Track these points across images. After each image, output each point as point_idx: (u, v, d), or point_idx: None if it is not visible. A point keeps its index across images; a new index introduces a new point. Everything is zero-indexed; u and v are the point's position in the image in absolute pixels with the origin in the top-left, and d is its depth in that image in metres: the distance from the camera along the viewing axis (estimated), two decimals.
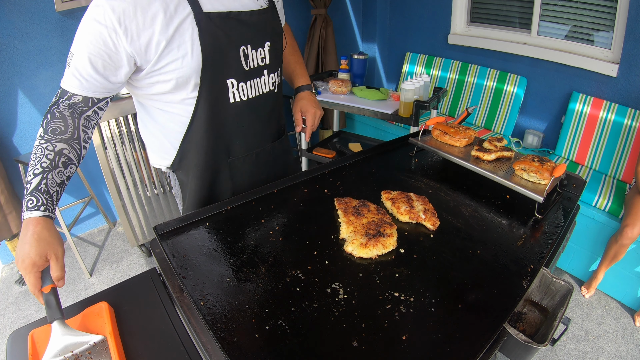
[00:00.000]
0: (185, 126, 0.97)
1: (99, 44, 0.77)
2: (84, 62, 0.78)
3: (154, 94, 0.91)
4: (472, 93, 2.82)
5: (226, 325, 0.67)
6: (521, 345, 0.69)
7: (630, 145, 2.08)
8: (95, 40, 0.77)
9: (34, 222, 0.70)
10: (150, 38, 0.80)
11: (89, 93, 0.82)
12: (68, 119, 0.81)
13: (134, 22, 0.77)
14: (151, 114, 0.99)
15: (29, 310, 2.03)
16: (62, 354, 0.67)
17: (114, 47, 0.78)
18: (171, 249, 0.87)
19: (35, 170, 0.74)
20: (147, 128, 1.05)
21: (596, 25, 2.21)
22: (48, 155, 0.76)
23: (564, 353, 1.71)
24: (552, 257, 0.89)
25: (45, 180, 0.74)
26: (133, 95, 1.00)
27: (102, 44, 0.77)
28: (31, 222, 0.70)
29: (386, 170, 1.25)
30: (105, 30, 0.76)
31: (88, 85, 0.81)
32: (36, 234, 0.69)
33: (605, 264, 1.87)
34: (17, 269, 0.73)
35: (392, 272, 0.80)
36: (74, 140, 0.82)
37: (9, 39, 1.96)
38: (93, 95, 0.83)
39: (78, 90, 0.81)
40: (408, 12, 3.12)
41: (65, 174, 0.79)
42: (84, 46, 0.77)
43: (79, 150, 0.84)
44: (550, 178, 1.01)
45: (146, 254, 2.38)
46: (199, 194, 1.08)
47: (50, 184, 0.75)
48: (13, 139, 2.16)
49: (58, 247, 0.71)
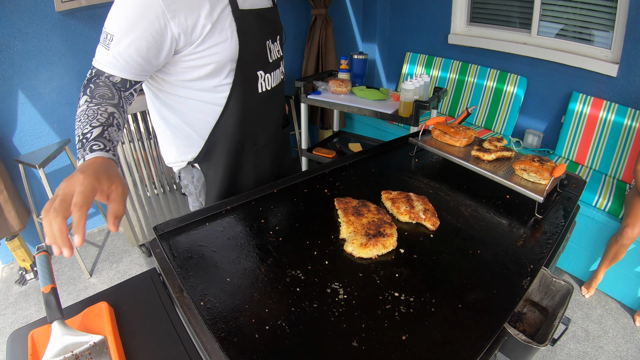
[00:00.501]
0: (217, 115, 0.98)
1: (145, 26, 0.77)
2: (126, 44, 0.78)
3: (188, 79, 0.91)
4: (472, 93, 2.82)
5: (226, 325, 0.67)
6: (521, 345, 0.69)
7: (630, 145, 2.08)
8: (142, 22, 0.77)
9: (102, 159, 0.67)
10: (197, 20, 0.82)
11: (128, 75, 0.82)
12: (113, 89, 0.81)
13: (182, 4, 0.79)
14: (176, 106, 0.98)
15: (29, 310, 2.03)
16: (62, 354, 0.67)
17: (160, 29, 0.79)
18: (171, 249, 0.87)
19: (92, 123, 0.72)
20: (169, 122, 1.02)
21: (596, 25, 2.21)
22: (102, 114, 0.75)
23: (564, 353, 1.71)
24: (552, 257, 0.89)
25: (107, 132, 0.73)
26: (154, 89, 0.97)
27: (149, 26, 0.77)
28: (99, 158, 0.67)
29: (386, 170, 1.25)
30: (153, 12, 0.77)
31: (128, 68, 0.81)
32: (104, 165, 0.66)
33: (605, 264, 1.87)
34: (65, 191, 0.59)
35: (392, 272, 0.80)
36: (121, 108, 0.81)
37: (9, 39, 1.96)
38: (132, 78, 0.83)
39: (117, 72, 0.81)
40: (408, 12, 3.12)
41: (119, 136, 0.77)
42: (127, 28, 0.77)
43: (124, 121, 0.82)
44: (550, 178, 1.01)
45: (146, 254, 2.38)
46: (224, 185, 1.09)
47: (112, 137, 0.74)
48: (13, 139, 2.16)
49: (126, 187, 0.67)
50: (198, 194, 1.13)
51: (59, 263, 2.37)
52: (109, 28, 0.79)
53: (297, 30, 3.06)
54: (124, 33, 0.78)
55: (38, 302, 2.08)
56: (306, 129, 2.63)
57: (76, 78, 2.22)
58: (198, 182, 1.11)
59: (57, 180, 2.39)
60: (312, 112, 3.20)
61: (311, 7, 2.89)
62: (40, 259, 0.75)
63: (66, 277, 2.25)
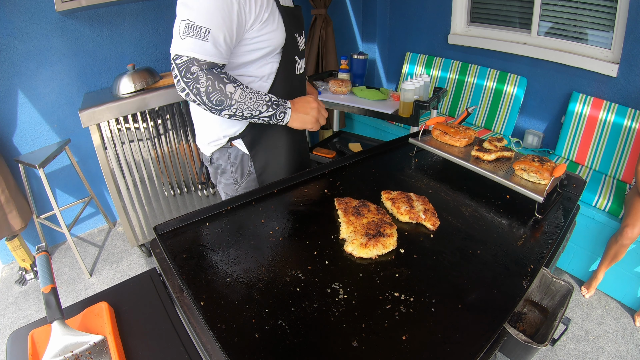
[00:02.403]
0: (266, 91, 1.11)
1: (233, 17, 0.91)
2: (222, 35, 0.91)
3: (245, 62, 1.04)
4: (472, 93, 2.82)
5: (226, 325, 0.67)
6: (521, 345, 0.69)
7: (630, 145, 2.08)
8: (229, 13, 0.90)
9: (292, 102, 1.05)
10: (261, 8, 0.97)
11: (224, 61, 0.96)
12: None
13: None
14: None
15: (29, 310, 2.03)
16: (62, 354, 0.67)
17: (242, 18, 0.93)
18: (171, 249, 0.87)
19: (262, 94, 0.99)
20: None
21: (596, 25, 2.21)
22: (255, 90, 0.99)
23: (564, 353, 1.71)
24: (552, 257, 0.89)
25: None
26: None
27: (234, 17, 0.91)
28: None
29: (386, 170, 1.25)
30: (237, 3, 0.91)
31: (225, 55, 0.95)
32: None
33: (605, 264, 1.87)
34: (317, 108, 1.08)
35: (392, 272, 0.80)
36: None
37: (9, 39, 1.96)
38: (220, 62, 0.96)
39: (219, 60, 0.94)
40: (408, 12, 3.12)
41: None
42: (220, 20, 0.89)
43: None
44: (550, 178, 1.01)
45: (146, 254, 2.38)
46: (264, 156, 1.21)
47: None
48: (13, 139, 2.16)
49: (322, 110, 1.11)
50: (234, 171, 1.23)
51: (59, 263, 2.37)
52: (202, 21, 0.88)
53: None
54: (218, 25, 0.89)
55: (38, 302, 2.08)
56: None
57: (76, 78, 2.22)
58: (235, 159, 1.21)
59: (57, 180, 2.39)
60: None
61: (311, 7, 2.89)
62: (40, 259, 0.75)
63: (66, 277, 2.25)
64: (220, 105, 0.95)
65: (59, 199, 2.44)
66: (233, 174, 1.23)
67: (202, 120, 1.17)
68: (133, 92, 1.97)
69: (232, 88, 0.94)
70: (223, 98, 0.94)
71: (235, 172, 1.23)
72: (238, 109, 0.96)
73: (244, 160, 1.21)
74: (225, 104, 0.95)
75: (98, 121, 1.86)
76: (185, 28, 0.88)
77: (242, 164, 1.22)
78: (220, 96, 0.93)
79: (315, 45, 2.98)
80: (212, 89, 0.92)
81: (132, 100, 1.92)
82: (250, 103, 0.96)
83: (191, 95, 0.94)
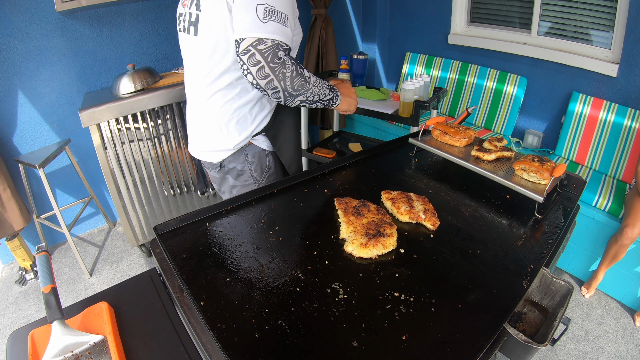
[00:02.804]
0: None
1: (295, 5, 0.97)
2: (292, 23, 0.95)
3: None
4: (472, 93, 2.82)
5: (226, 325, 0.67)
6: (521, 345, 0.69)
7: (630, 145, 2.08)
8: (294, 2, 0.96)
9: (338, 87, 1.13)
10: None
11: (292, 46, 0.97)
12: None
13: None
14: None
15: (29, 310, 2.03)
16: (62, 354, 0.67)
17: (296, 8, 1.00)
18: (171, 249, 0.87)
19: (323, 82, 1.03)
20: (244, 102, 1.11)
21: (596, 25, 2.21)
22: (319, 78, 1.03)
23: (564, 353, 1.71)
24: (552, 257, 0.89)
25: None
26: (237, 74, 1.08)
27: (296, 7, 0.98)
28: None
29: (386, 170, 1.25)
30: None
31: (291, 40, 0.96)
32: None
33: (605, 264, 1.87)
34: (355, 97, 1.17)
35: (392, 272, 0.80)
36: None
37: (9, 39, 1.96)
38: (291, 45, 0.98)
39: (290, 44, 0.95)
40: (408, 12, 3.12)
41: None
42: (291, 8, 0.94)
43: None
44: (550, 178, 1.01)
45: (146, 254, 2.38)
46: (288, 148, 1.25)
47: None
48: (13, 139, 2.16)
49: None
50: (253, 170, 1.23)
51: (59, 263, 2.37)
52: (281, 7, 0.90)
53: None
54: (292, 13, 0.93)
55: (38, 302, 2.08)
56: (306, 129, 2.63)
57: (76, 78, 2.22)
58: (253, 157, 1.21)
59: (57, 180, 2.39)
60: (312, 112, 3.20)
61: (311, 7, 2.89)
62: (40, 259, 0.75)
63: (66, 277, 2.25)
64: (300, 90, 0.95)
65: (59, 199, 2.44)
66: (252, 174, 1.23)
67: (217, 130, 1.13)
68: (133, 92, 1.97)
69: (307, 73, 0.96)
70: (304, 82, 0.95)
71: (255, 170, 1.23)
72: (313, 93, 0.98)
73: (261, 156, 1.21)
74: (304, 89, 0.96)
75: (98, 121, 1.86)
76: (266, 12, 0.86)
77: (260, 161, 1.22)
78: (301, 81, 0.94)
79: (315, 45, 2.98)
80: (296, 73, 0.92)
81: (132, 100, 1.92)
82: (320, 87, 1.00)
83: (275, 81, 0.90)
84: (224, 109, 1.09)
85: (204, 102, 1.11)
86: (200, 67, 1.05)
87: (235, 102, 1.08)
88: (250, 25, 0.86)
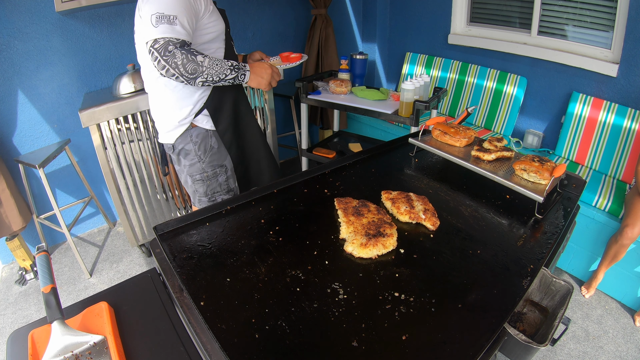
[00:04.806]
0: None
1: (189, 4, 1.13)
2: (187, 19, 1.12)
3: (202, 42, 1.26)
4: (472, 93, 2.82)
5: (226, 325, 0.67)
6: (521, 345, 0.69)
7: (630, 145, 2.07)
8: (187, 2, 1.13)
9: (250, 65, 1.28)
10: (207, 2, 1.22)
11: (187, 38, 1.14)
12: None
13: None
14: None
15: (29, 310, 2.03)
16: (62, 354, 0.67)
17: (197, 7, 1.18)
18: (171, 249, 0.87)
19: (224, 61, 1.20)
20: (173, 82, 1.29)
21: (596, 25, 2.21)
22: (219, 58, 1.19)
23: (564, 353, 1.71)
24: (552, 257, 0.89)
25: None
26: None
27: (190, 5, 1.14)
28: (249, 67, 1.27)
29: (386, 170, 1.25)
30: None
31: (190, 34, 1.15)
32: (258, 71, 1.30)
33: (605, 264, 1.87)
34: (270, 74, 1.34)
35: (392, 272, 0.80)
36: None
37: (9, 39, 1.96)
38: (188, 40, 1.15)
39: (187, 38, 1.14)
40: (408, 12, 3.12)
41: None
42: (182, 7, 1.10)
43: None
44: (550, 178, 1.01)
45: (146, 254, 2.38)
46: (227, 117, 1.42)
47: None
48: (13, 139, 2.16)
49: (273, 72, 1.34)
50: (197, 149, 1.39)
51: (59, 263, 2.37)
52: (169, 11, 1.09)
53: (297, 30, 3.06)
54: (181, 12, 1.10)
55: (38, 302, 2.08)
56: (306, 129, 2.63)
57: (76, 78, 2.22)
58: (197, 137, 1.38)
59: (57, 180, 2.39)
60: (312, 112, 3.20)
61: (311, 7, 2.89)
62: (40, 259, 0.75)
63: (66, 277, 2.25)
64: (194, 73, 1.13)
65: (59, 199, 2.44)
66: (196, 152, 1.40)
67: (164, 109, 1.34)
68: (133, 92, 1.97)
69: (201, 58, 1.13)
70: (196, 66, 1.12)
71: (198, 149, 1.39)
72: (209, 74, 1.15)
73: (205, 137, 1.39)
74: (199, 72, 1.13)
75: (98, 121, 1.86)
76: (157, 18, 1.08)
77: (203, 141, 1.39)
78: (194, 65, 1.11)
79: (315, 45, 2.98)
80: (187, 60, 1.10)
81: (132, 100, 1.92)
82: (217, 68, 1.16)
83: (170, 69, 1.10)
84: (164, 91, 1.31)
85: (151, 91, 1.36)
86: (143, 63, 1.31)
87: (169, 84, 1.30)
88: (148, 32, 1.10)
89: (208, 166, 1.43)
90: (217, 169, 1.45)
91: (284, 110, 3.25)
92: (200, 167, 1.42)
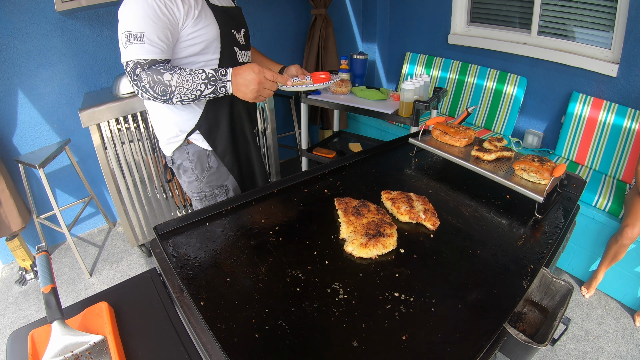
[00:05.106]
0: None
1: (160, 15, 0.99)
2: (155, 34, 0.99)
3: (184, 56, 1.12)
4: (472, 93, 2.82)
5: (226, 325, 0.67)
6: (521, 345, 0.69)
7: (630, 145, 2.07)
8: (155, 14, 0.99)
9: (234, 72, 1.04)
10: (189, 7, 1.06)
11: (163, 56, 1.04)
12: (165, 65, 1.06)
13: None
14: None
15: (29, 310, 2.03)
16: (62, 354, 0.67)
17: (173, 16, 1.02)
18: (171, 249, 0.87)
19: (199, 71, 1.02)
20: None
21: (596, 25, 2.21)
22: (191, 70, 1.03)
23: (564, 353, 1.71)
24: (552, 257, 0.89)
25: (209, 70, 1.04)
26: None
27: (163, 16, 1.00)
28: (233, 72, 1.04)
29: (386, 170, 1.25)
30: (163, 4, 0.99)
31: (163, 50, 1.03)
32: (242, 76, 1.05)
33: (605, 264, 1.87)
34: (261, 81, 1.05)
35: (392, 272, 0.80)
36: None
37: (9, 39, 1.96)
38: (166, 57, 1.05)
39: (158, 55, 1.02)
40: (408, 12, 3.12)
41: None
42: (150, 23, 0.98)
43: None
44: (550, 178, 1.01)
45: (146, 254, 2.38)
46: (221, 140, 1.28)
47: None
48: (13, 139, 2.16)
49: (263, 71, 1.05)
50: (194, 167, 1.29)
51: (59, 263, 2.37)
52: (136, 28, 0.98)
53: (297, 30, 3.06)
54: (150, 27, 0.98)
55: (38, 302, 2.08)
56: (306, 129, 2.63)
57: (76, 78, 2.22)
58: (193, 155, 1.27)
59: (57, 180, 2.39)
60: (312, 112, 3.20)
61: (311, 7, 2.89)
62: (40, 259, 0.75)
63: (66, 277, 2.25)
64: (165, 94, 1.02)
65: (59, 199, 2.44)
66: (193, 171, 1.30)
67: (159, 120, 1.25)
68: (133, 92, 1.97)
69: (169, 76, 1.01)
70: (164, 87, 1.01)
71: (195, 168, 1.29)
72: (181, 92, 1.02)
73: (201, 155, 1.28)
74: (169, 92, 1.02)
75: (98, 121, 1.86)
76: (126, 38, 0.99)
77: (200, 160, 1.28)
78: (161, 86, 1.01)
79: (315, 45, 2.98)
80: (153, 82, 1.00)
81: (132, 100, 1.92)
82: (188, 85, 1.02)
83: (143, 93, 1.03)
84: (153, 103, 1.22)
85: (147, 104, 1.26)
86: None
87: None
88: (121, 53, 1.02)
89: (206, 186, 1.31)
90: (216, 190, 1.33)
91: (284, 110, 3.25)
92: (197, 187, 1.31)
